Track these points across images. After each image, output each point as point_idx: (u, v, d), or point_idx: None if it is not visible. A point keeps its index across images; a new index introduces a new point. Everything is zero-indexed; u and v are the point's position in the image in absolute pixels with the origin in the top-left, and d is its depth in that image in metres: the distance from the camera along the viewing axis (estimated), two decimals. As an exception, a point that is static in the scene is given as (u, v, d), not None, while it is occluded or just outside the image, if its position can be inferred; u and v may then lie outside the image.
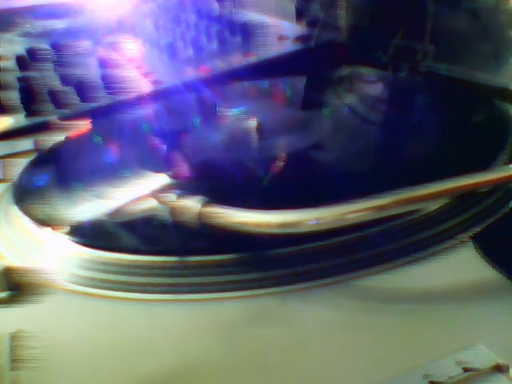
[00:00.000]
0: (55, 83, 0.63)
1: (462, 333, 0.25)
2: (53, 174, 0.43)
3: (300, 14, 0.71)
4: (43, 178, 0.42)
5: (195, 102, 0.55)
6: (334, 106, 0.49)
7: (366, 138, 0.43)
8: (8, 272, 0.31)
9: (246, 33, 0.68)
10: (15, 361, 0.25)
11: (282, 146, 0.41)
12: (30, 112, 0.56)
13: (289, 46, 0.64)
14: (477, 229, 0.32)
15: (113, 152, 0.45)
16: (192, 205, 0.30)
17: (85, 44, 0.77)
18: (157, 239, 0.33)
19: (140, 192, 0.35)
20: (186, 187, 0.33)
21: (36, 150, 0.49)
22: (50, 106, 0.57)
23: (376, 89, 0.53)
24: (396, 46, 0.56)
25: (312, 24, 0.67)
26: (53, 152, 0.47)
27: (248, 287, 0.29)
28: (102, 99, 0.58)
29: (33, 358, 0.26)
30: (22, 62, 0.71)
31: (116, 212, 0.34)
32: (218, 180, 0.37)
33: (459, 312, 0.26)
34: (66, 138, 0.49)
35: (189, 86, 0.58)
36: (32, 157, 0.46)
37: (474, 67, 0.50)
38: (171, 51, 0.68)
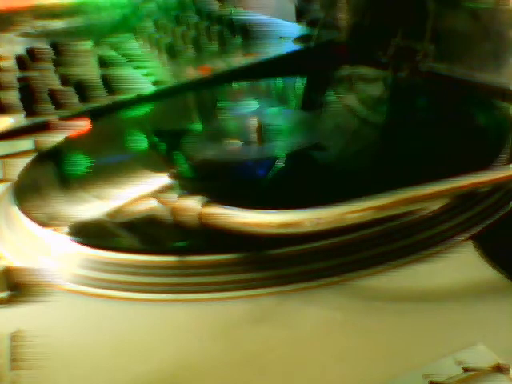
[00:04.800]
0: (55, 83, 0.63)
1: (462, 333, 0.25)
2: (53, 174, 0.43)
3: (300, 14, 0.71)
4: (43, 178, 0.42)
5: (195, 102, 0.55)
6: (334, 106, 0.49)
7: (366, 138, 0.43)
8: (8, 272, 0.31)
9: (246, 33, 0.68)
10: (15, 361, 0.25)
11: (283, 146, 0.41)
12: (30, 112, 0.56)
13: (289, 46, 0.64)
14: (477, 229, 0.32)
15: (113, 152, 0.45)
16: (192, 205, 0.30)
17: (85, 44, 0.77)
18: (157, 239, 0.33)
19: (140, 192, 0.35)
20: (186, 187, 0.33)
21: (36, 150, 0.49)
22: (49, 106, 0.57)
23: (376, 89, 0.53)
24: (396, 46, 0.56)
25: (312, 24, 0.67)
26: (53, 152, 0.47)
27: (248, 287, 0.29)
28: (102, 99, 0.58)
29: (33, 357, 0.26)
30: (22, 62, 0.71)
31: (116, 212, 0.34)
32: (218, 180, 0.37)
33: (459, 312, 0.26)
34: (66, 137, 0.49)
35: (189, 86, 0.58)
36: (32, 157, 0.46)
37: (474, 67, 0.50)
38: (171, 51, 0.68)
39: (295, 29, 0.68)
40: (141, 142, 0.45)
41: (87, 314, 0.29)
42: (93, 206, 0.36)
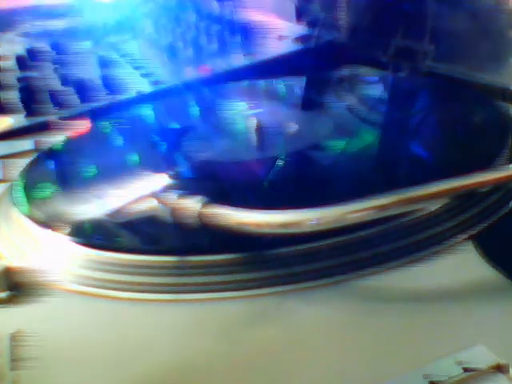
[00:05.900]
0: (55, 83, 0.63)
1: (462, 333, 0.25)
2: (53, 174, 0.42)
3: (300, 14, 0.71)
4: (43, 178, 0.42)
5: (195, 102, 0.55)
6: (334, 106, 0.49)
7: (366, 138, 0.43)
8: (8, 272, 0.31)
9: (246, 33, 0.68)
10: (15, 361, 0.25)
11: (282, 146, 0.41)
12: (30, 112, 0.56)
13: (289, 46, 0.64)
14: (477, 229, 0.32)
15: (113, 152, 0.45)
16: (192, 205, 0.30)
17: (85, 44, 0.77)
18: (157, 239, 0.33)
19: (140, 192, 0.35)
20: (186, 187, 0.33)
21: (36, 150, 0.49)
22: (49, 106, 0.57)
23: (376, 89, 0.53)
24: (396, 46, 0.56)
25: (312, 24, 0.67)
26: (53, 152, 0.47)
27: (248, 287, 0.29)
28: (102, 99, 0.58)
29: (33, 357, 0.26)
30: (22, 62, 0.71)
31: (116, 212, 0.34)
32: (218, 180, 0.37)
33: (459, 312, 0.26)
34: (66, 137, 0.49)
35: (189, 86, 0.58)
36: (32, 157, 0.46)
37: (473, 67, 0.50)
38: (171, 51, 0.68)
39: (295, 29, 0.68)
40: (141, 141, 0.45)
41: (87, 313, 0.29)
42: (93, 206, 0.36)
